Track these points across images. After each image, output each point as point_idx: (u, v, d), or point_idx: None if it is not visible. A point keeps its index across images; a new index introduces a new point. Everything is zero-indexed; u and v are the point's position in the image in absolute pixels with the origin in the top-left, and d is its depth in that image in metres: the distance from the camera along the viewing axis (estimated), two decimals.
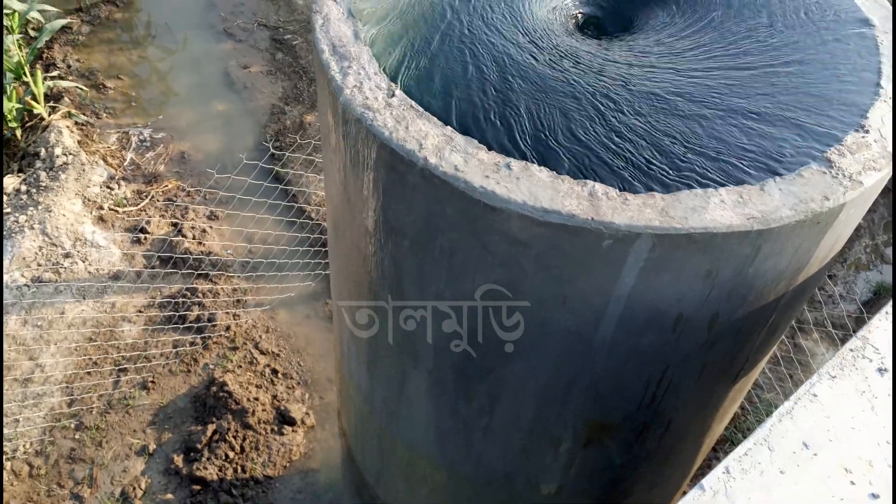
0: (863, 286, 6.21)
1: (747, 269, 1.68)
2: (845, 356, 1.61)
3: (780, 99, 1.86)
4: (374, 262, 2.05)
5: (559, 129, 1.75)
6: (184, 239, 6.25)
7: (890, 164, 1.72)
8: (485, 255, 1.73)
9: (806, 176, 1.67)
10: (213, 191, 6.45)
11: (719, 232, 1.56)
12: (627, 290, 1.68)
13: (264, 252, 6.25)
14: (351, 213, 2.06)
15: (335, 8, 2.01)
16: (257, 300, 6.00)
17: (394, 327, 2.19)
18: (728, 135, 1.76)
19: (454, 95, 1.83)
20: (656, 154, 1.71)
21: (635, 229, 1.55)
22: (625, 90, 1.86)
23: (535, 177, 1.63)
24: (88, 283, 5.86)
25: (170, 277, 6.02)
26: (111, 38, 8.43)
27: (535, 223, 1.59)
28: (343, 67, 1.83)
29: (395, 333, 2.20)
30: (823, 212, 1.61)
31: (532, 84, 1.86)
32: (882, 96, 1.88)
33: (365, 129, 1.72)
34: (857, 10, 2.14)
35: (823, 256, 1.85)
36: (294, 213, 6.44)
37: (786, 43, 2.03)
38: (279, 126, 7.34)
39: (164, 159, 7.05)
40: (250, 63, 8.14)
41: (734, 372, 2.18)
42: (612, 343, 1.83)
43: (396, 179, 1.74)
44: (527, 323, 1.85)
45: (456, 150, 1.67)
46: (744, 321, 1.88)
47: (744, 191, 1.63)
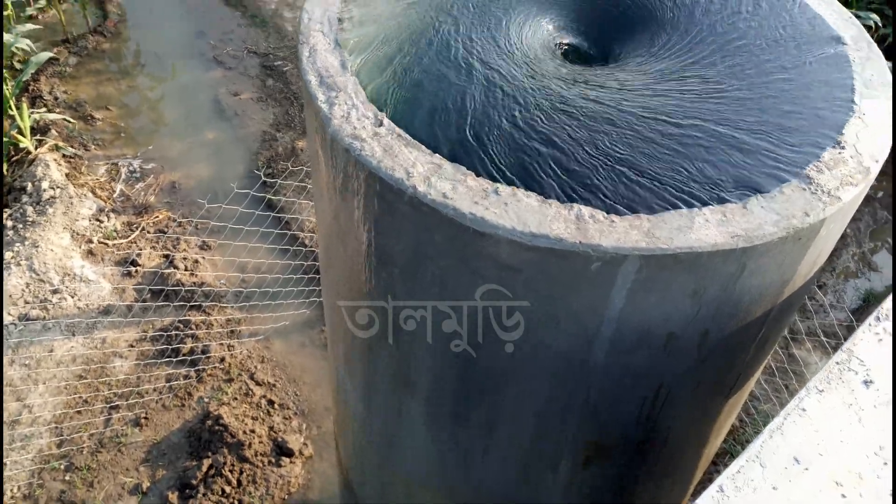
0: (852, 294, 6.25)
1: (734, 287, 1.71)
2: (832, 369, 1.63)
3: (759, 118, 1.90)
4: (365, 290, 2.07)
5: (547, 153, 1.78)
6: (175, 270, 6.25)
7: (866, 178, 1.76)
8: (476, 281, 1.75)
9: (787, 193, 1.70)
10: (204, 221, 6.46)
11: (704, 251, 1.58)
12: (617, 311, 1.71)
13: (258, 281, 6.25)
14: (341, 241, 2.08)
15: (322, 39, 2.04)
16: (252, 330, 5.99)
17: (388, 355, 2.21)
18: (709, 154, 1.79)
19: (442, 122, 1.86)
20: (640, 175, 1.74)
21: (622, 251, 1.58)
22: (609, 114, 1.89)
23: (523, 202, 1.66)
24: (78, 318, 5.83)
25: (162, 310, 6.00)
26: (99, 69, 8.46)
27: (524, 248, 1.61)
28: (330, 98, 1.86)
29: (391, 361, 2.22)
30: (805, 228, 1.64)
31: (518, 110, 1.89)
32: (856, 113, 1.92)
33: (353, 159, 1.75)
34: (829, 28, 2.18)
35: (807, 271, 1.88)
36: (287, 241, 6.45)
37: (761, 63, 2.07)
38: (271, 153, 7.36)
39: (155, 190, 7.07)
40: (241, 90, 8.18)
41: (727, 387, 2.20)
42: (606, 364, 1.86)
43: (386, 208, 1.77)
44: (520, 346, 1.87)
45: (444, 178, 1.69)
46: (733, 337, 1.90)
47: (727, 209, 1.66)
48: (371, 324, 2.18)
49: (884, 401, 1.59)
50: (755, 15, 2.23)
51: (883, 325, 1.71)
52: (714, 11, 2.25)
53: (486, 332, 1.87)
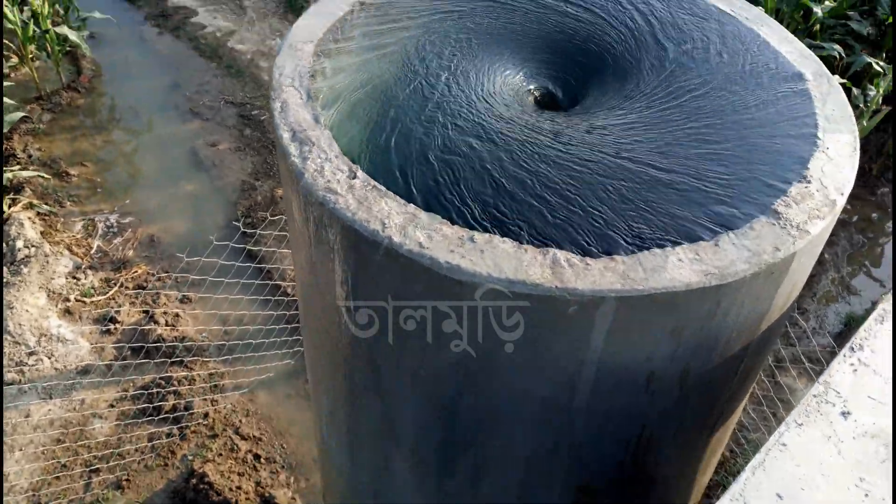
0: (833, 319, 6.29)
1: (711, 323, 1.72)
2: (809, 403, 1.65)
3: (727, 156, 1.93)
4: (346, 342, 2.07)
5: (522, 199, 1.80)
6: (156, 326, 6.20)
7: (833, 211, 1.79)
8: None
9: (757, 229, 1.72)
10: (184, 275, 6.43)
11: (679, 290, 1.60)
12: (597, 353, 1.72)
13: (240, 333, 6.21)
14: (320, 292, 2.08)
15: (294, 93, 2.05)
16: (235, 383, 5.93)
17: (373, 406, 2.20)
18: (680, 194, 1.82)
19: (416, 172, 1.87)
20: (614, 218, 1.76)
21: (599, 293, 1.59)
22: (581, 159, 1.92)
23: (499, 248, 1.67)
24: (55, 380, 5.74)
25: (142, 367, 5.93)
26: (74, 125, 8.46)
27: (501, 294, 1.62)
28: (303, 152, 1.87)
29: (375, 413, 2.22)
30: (776, 262, 1.66)
31: (491, 158, 1.91)
32: (820, 147, 1.95)
33: (328, 212, 1.76)
34: (791, 65, 2.23)
35: (783, 303, 1.90)
36: (269, 291, 6.43)
37: (727, 103, 2.11)
38: (250, 202, 7.36)
39: (133, 244, 7.04)
40: (218, 140, 8.19)
41: (711, 422, 2.21)
42: (589, 407, 1.86)
43: (362, 259, 1.77)
44: (503, 393, 1.87)
45: (420, 227, 1.71)
46: (714, 373, 1.91)
47: (699, 248, 1.68)
48: (356, 374, 2.18)
49: (861, 431, 1.60)
50: (720, 56, 2.28)
51: (857, 356, 1.73)
52: (680, 55, 2.30)
53: (469, 380, 1.87)
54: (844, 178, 1.89)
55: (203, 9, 9.75)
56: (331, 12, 2.31)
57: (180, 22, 9.53)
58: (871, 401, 1.66)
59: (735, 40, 2.34)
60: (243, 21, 9.53)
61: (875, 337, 1.77)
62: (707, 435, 2.27)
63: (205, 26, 9.51)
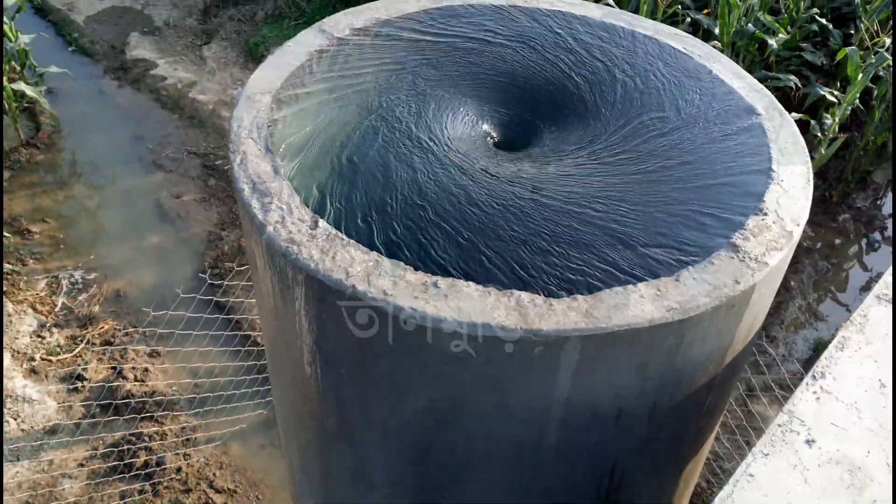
0: (802, 345, 6.34)
1: (676, 358, 1.74)
2: (775, 432, 1.66)
3: (684, 192, 1.96)
4: (315, 391, 2.06)
5: (484, 243, 1.81)
6: (124, 381, 6.11)
7: (790, 242, 1.82)
8: (424, 375, 1.76)
9: (716, 263, 1.75)
10: (151, 329, 6.36)
11: (643, 326, 1.61)
12: (566, 393, 1.72)
13: (211, 385, 6.13)
14: (286, 343, 2.07)
15: (252, 145, 2.06)
16: (208, 436, 5.85)
17: (345, 454, 2.19)
18: (639, 230, 1.84)
19: (378, 219, 1.88)
20: (575, 256, 1.77)
21: (563, 333, 1.60)
22: (537, 199, 1.94)
23: (463, 292, 1.68)
24: (22, 442, 5.64)
25: (112, 424, 5.82)
26: (34, 182, 8.37)
27: (467, 338, 1.63)
28: (264, 204, 1.88)
29: (348, 460, 2.20)
30: (737, 295, 1.69)
31: (452, 199, 1.93)
32: (775, 179, 1.99)
33: (291, 263, 1.76)
34: (743, 100, 2.28)
35: (745, 335, 1.92)
36: (238, 341, 6.37)
37: (682, 140, 2.14)
38: (217, 253, 7.32)
39: (99, 300, 6.95)
40: (182, 192, 8.15)
41: (683, 455, 2.22)
42: (560, 447, 1.86)
43: (327, 309, 1.77)
44: (474, 437, 1.87)
45: (383, 275, 1.71)
46: (682, 407, 1.92)
47: (661, 283, 1.69)
48: (326, 422, 2.16)
49: (826, 459, 1.62)
50: (674, 95, 2.32)
51: (819, 384, 1.75)
52: (635, 94, 2.34)
53: (440, 426, 1.87)
54: (800, 209, 1.92)
55: (163, 60, 9.75)
56: (288, 63, 2.33)
57: (140, 74, 9.52)
58: (834, 428, 1.68)
59: (689, 78, 2.38)
60: (204, 72, 9.55)
61: (836, 364, 1.79)
62: (679, 467, 2.27)
63: (165, 78, 9.51)
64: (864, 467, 1.62)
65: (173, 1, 10.55)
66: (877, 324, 1.91)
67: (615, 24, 2.61)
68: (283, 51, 2.39)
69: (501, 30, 2.57)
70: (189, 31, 10.11)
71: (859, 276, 6.95)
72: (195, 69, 9.75)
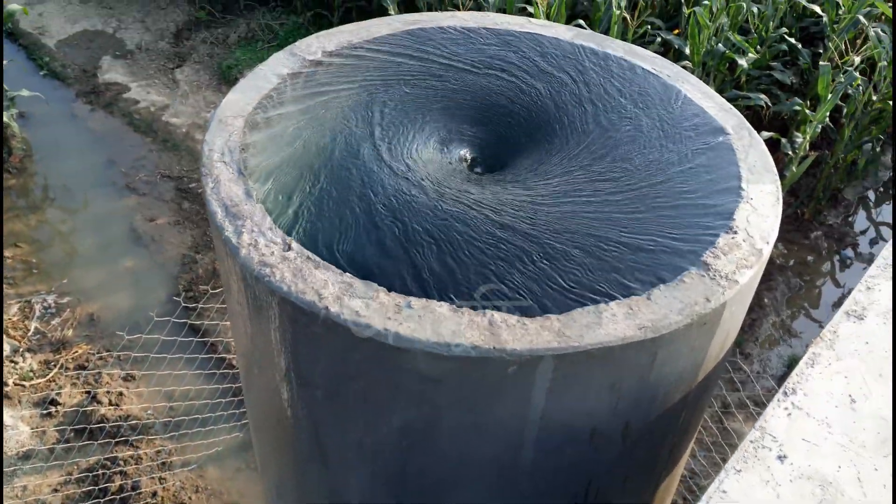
0: (776, 361, 6.39)
1: (649, 376, 1.75)
2: (747, 448, 1.67)
3: (656, 212, 1.98)
4: (289, 413, 2.05)
5: (457, 260, 1.82)
6: (99, 406, 6.05)
7: (760, 260, 1.84)
8: (399, 395, 1.76)
9: (687, 281, 1.76)
10: (126, 352, 6.31)
11: (615, 345, 1.62)
12: (539, 411, 1.73)
13: (186, 408, 6.08)
14: (260, 365, 2.07)
15: (225, 169, 2.06)
16: (183, 460, 5.80)
17: (321, 477, 2.18)
18: (612, 249, 1.85)
19: (351, 241, 1.88)
20: (549, 275, 1.78)
21: (536, 353, 1.61)
22: (512, 220, 1.95)
23: (436, 312, 1.68)
24: None
25: (86, 449, 5.77)
26: (6, 206, 8.30)
27: (441, 358, 1.63)
28: (237, 227, 1.88)
29: (324, 483, 2.19)
30: (708, 313, 1.70)
31: (424, 220, 1.93)
32: (744, 198, 2.02)
33: (264, 285, 1.76)
34: (713, 119, 2.30)
35: (718, 352, 1.93)
36: (214, 364, 6.32)
37: (655, 160, 2.17)
38: (191, 276, 7.28)
39: (72, 324, 6.89)
40: (156, 215, 8.10)
41: (657, 472, 2.23)
42: (535, 465, 1.86)
43: (301, 331, 1.77)
44: (449, 457, 1.87)
45: (356, 296, 1.71)
46: (656, 424, 1.93)
47: (632, 302, 1.71)
48: (299, 445, 2.15)
49: (798, 474, 1.63)
50: (644, 115, 2.34)
51: (791, 400, 1.76)
52: (606, 115, 2.36)
53: (414, 447, 1.87)
54: (769, 228, 1.95)
55: (135, 84, 9.72)
56: (260, 86, 2.33)
57: (112, 98, 9.48)
58: (805, 443, 1.69)
59: (659, 98, 2.41)
60: (177, 95, 9.52)
61: (807, 380, 1.81)
62: (654, 484, 2.28)
63: (138, 101, 9.47)
64: (836, 482, 1.64)
65: (145, 24, 10.52)
66: (846, 340, 1.93)
67: (586, 46, 2.64)
68: (255, 74, 2.39)
69: (473, 52, 2.59)
70: (161, 55, 10.08)
71: (831, 292, 7.03)
72: (168, 92, 9.72)
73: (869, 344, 1.93)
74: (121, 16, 10.66)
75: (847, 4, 7.50)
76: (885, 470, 1.67)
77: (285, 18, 10.10)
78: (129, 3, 10.89)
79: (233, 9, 10.53)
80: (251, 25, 10.12)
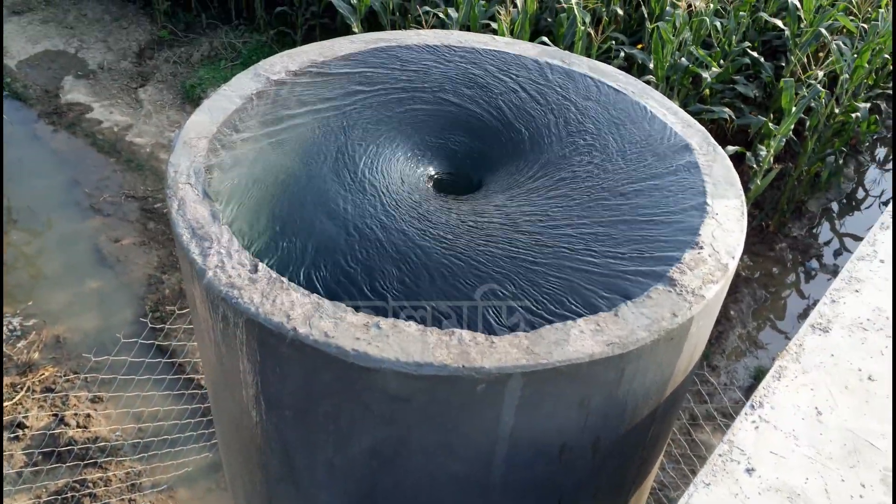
0: (743, 373, 6.45)
1: (617, 392, 1.76)
2: (715, 462, 1.69)
3: (623, 228, 1.99)
4: (259, 434, 2.04)
5: (423, 281, 1.82)
6: (67, 428, 5.97)
7: (725, 275, 1.86)
8: (368, 415, 1.75)
9: (654, 297, 1.78)
10: (93, 374, 6.24)
11: (583, 361, 1.63)
12: (509, 429, 1.73)
13: (155, 429, 6.02)
14: (229, 388, 2.05)
15: (190, 191, 2.05)
16: (153, 481, 5.74)
17: (291, 497, 2.16)
18: (580, 267, 1.87)
19: (318, 261, 1.88)
20: (515, 292, 1.79)
21: (505, 370, 1.61)
22: (481, 241, 1.95)
23: (405, 332, 1.68)
24: None
25: (55, 472, 5.70)
26: None
27: (410, 378, 1.63)
28: (204, 249, 1.86)
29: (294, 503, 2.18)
30: (675, 328, 1.72)
31: (392, 239, 1.93)
32: (709, 213, 2.04)
33: (232, 307, 1.75)
34: (677, 135, 2.33)
35: (685, 366, 1.95)
36: (182, 385, 6.27)
37: (617, 176, 2.18)
38: (158, 296, 7.22)
39: (38, 347, 6.80)
40: (121, 236, 8.03)
41: (627, 487, 2.23)
42: (504, 482, 1.86)
43: (269, 352, 1.76)
44: (420, 476, 1.86)
45: (324, 317, 1.71)
46: (625, 440, 1.94)
47: (600, 319, 1.72)
48: (269, 468, 2.14)
49: (766, 487, 1.65)
50: (608, 133, 2.36)
51: (758, 413, 1.78)
52: (570, 132, 2.37)
53: (385, 466, 1.86)
54: (735, 242, 1.97)
55: (98, 104, 9.64)
56: (224, 107, 2.32)
57: (75, 118, 9.40)
58: (773, 456, 1.71)
59: (624, 115, 2.43)
60: (140, 114, 9.46)
61: (773, 393, 1.83)
62: (624, 498, 2.29)
63: (101, 121, 9.40)
64: (803, 494, 1.65)
65: (107, 44, 10.44)
66: (812, 353, 1.96)
67: (550, 63, 2.66)
68: (218, 94, 2.38)
69: (437, 70, 2.60)
70: (124, 74, 10.02)
71: (797, 303, 7.11)
72: (131, 112, 9.66)
73: (834, 356, 1.95)
74: (82, 35, 10.57)
75: (809, 18, 7.62)
76: (852, 481, 1.69)
77: (248, 37, 10.08)
78: (91, 23, 10.81)
79: (196, 28, 10.49)
80: (214, 44, 10.08)
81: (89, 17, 10.87)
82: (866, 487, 1.68)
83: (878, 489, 1.67)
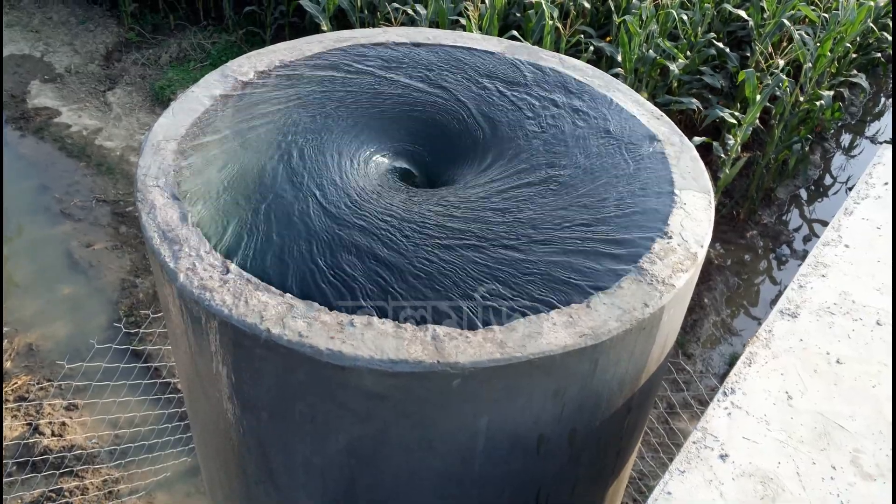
0: (718, 360, 6.51)
1: (591, 382, 1.77)
2: (690, 449, 1.71)
3: (592, 219, 2.01)
4: (235, 436, 2.04)
5: (395, 277, 1.82)
6: (41, 437, 5.92)
7: (695, 263, 1.88)
8: (345, 414, 1.75)
9: (625, 287, 1.79)
10: (67, 381, 6.19)
11: (557, 353, 1.64)
12: (486, 422, 1.74)
13: (132, 435, 5.99)
14: (204, 389, 2.04)
15: (159, 194, 2.04)
16: (131, 487, 5.70)
17: (269, 498, 2.16)
18: (550, 258, 1.88)
19: (289, 261, 1.88)
20: (486, 285, 1.80)
21: (480, 364, 1.62)
22: (448, 234, 1.96)
23: (379, 329, 1.69)
24: None
25: (30, 482, 5.65)
26: None
27: (386, 375, 1.63)
28: (175, 252, 1.86)
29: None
30: (646, 318, 1.73)
31: (362, 237, 1.94)
32: (678, 203, 2.06)
33: (204, 310, 1.74)
34: (644, 127, 2.35)
35: (658, 356, 1.97)
36: (158, 389, 6.23)
37: (586, 168, 2.20)
38: (131, 301, 7.17)
39: (11, 355, 6.74)
40: (93, 241, 7.96)
41: (605, 477, 2.25)
42: (483, 476, 1.87)
43: (244, 354, 1.76)
44: (398, 472, 1.87)
45: (298, 317, 1.71)
46: (601, 430, 1.96)
47: (572, 311, 1.73)
48: (246, 469, 2.14)
49: (740, 472, 1.67)
50: (576, 125, 2.38)
51: (730, 399, 1.81)
52: (539, 126, 2.39)
53: (363, 464, 1.86)
54: (703, 231, 1.99)
55: (66, 108, 9.55)
56: (192, 108, 2.31)
57: (43, 123, 9.31)
58: (746, 441, 1.73)
59: (591, 108, 2.45)
60: (109, 118, 9.38)
61: (745, 380, 1.86)
62: (603, 488, 2.31)
63: (70, 125, 9.31)
64: (776, 478, 1.68)
65: (74, 47, 10.34)
66: (781, 338, 1.98)
67: (519, 58, 2.67)
68: (186, 96, 2.37)
69: (406, 68, 2.61)
70: (92, 77, 9.93)
71: (769, 289, 7.18)
72: (100, 115, 9.58)
73: (803, 341, 1.98)
74: (48, 39, 10.47)
75: (771, 9, 7.69)
76: (822, 464, 1.71)
77: (217, 37, 10.02)
78: (57, 26, 10.70)
79: (163, 29, 10.41)
80: (183, 45, 10.01)
81: (55, 20, 10.76)
82: (837, 469, 1.71)
83: (847, 471, 1.70)
